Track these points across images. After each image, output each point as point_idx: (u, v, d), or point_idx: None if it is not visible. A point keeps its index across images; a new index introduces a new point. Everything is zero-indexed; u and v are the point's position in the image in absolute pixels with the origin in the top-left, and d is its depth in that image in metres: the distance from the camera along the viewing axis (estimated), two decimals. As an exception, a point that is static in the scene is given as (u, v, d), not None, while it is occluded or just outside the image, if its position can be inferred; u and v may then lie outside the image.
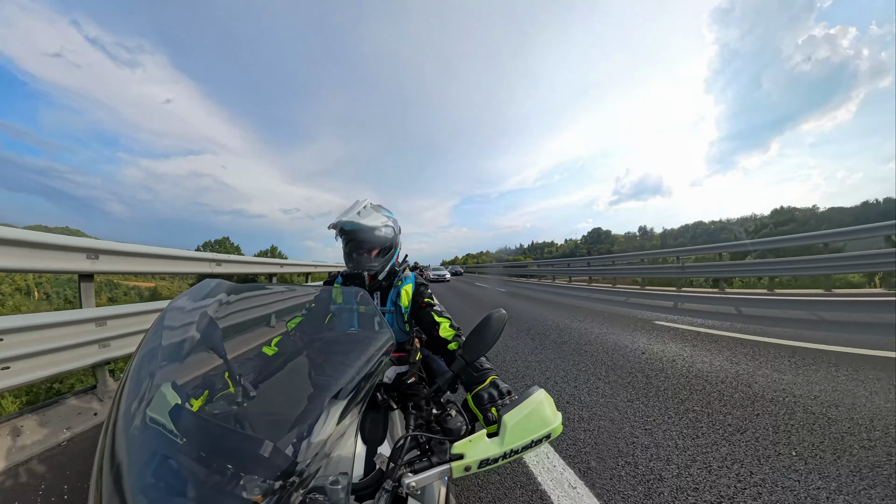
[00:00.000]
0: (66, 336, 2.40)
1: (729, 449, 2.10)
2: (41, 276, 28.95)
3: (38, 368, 2.24)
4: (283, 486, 0.52)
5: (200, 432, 0.60)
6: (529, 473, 2.00)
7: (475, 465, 0.66)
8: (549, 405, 0.72)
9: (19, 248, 2.24)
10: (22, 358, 2.13)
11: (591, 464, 2.06)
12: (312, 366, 1.04)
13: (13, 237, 2.19)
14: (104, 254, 2.79)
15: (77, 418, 2.51)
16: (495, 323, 0.88)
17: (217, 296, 0.87)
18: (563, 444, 2.28)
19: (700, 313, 6.52)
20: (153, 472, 0.53)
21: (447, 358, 1.25)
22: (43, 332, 2.26)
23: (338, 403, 0.62)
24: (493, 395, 0.89)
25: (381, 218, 1.40)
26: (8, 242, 2.17)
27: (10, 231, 2.19)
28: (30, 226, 21.70)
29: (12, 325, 2.09)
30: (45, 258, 2.39)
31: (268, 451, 0.55)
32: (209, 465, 0.54)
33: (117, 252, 2.91)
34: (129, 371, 0.66)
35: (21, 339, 2.14)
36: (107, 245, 2.81)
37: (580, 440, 2.32)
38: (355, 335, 1.05)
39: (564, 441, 2.32)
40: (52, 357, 2.32)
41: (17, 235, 2.21)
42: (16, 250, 2.22)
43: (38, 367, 2.24)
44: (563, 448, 2.24)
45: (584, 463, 2.07)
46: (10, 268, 2.23)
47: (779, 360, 3.57)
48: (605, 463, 2.05)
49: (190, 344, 0.75)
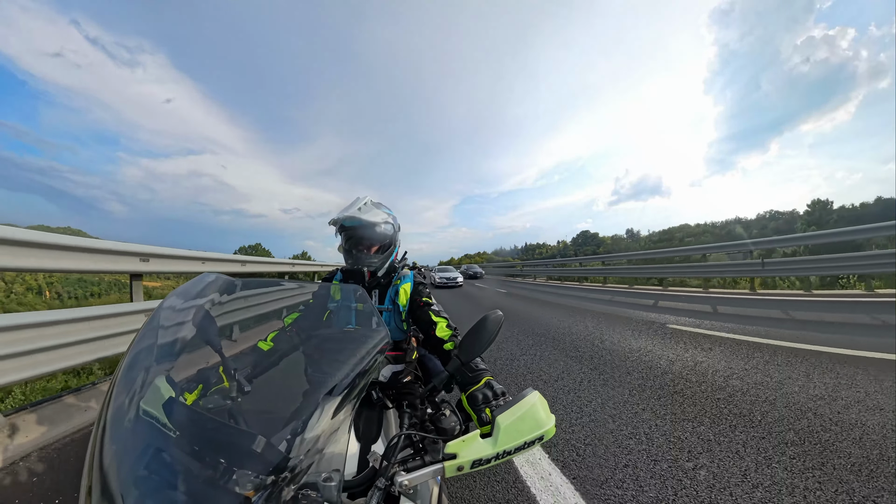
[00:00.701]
0: (121, 324, 2.89)
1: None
2: (51, 276, 29.48)
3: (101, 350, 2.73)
4: (276, 481, 0.52)
5: (194, 426, 0.60)
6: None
7: (468, 465, 0.66)
8: (543, 407, 0.72)
9: (89, 254, 2.77)
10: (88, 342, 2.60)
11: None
12: (308, 362, 1.04)
13: (82, 245, 2.71)
14: (154, 257, 3.37)
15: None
16: (491, 324, 0.88)
17: (214, 290, 0.87)
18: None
19: (675, 311, 6.94)
20: (146, 465, 0.53)
21: (443, 358, 1.25)
22: (105, 321, 2.77)
23: (332, 400, 0.62)
24: (488, 395, 0.89)
25: (381, 215, 1.40)
26: (77, 249, 2.67)
27: (80, 240, 2.73)
28: (32, 226, 22.19)
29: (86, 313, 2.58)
30: (107, 261, 2.95)
31: (260, 446, 0.55)
32: (202, 458, 0.54)
33: (164, 255, 3.55)
34: (124, 364, 0.66)
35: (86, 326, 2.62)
36: (156, 249, 3.41)
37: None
38: (352, 332, 1.05)
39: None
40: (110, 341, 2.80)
41: (86, 244, 2.76)
42: (85, 255, 2.75)
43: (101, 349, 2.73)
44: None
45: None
46: (78, 269, 2.76)
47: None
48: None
49: (185, 337, 0.75)
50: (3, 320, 2.07)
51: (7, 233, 2.18)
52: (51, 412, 2.45)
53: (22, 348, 2.14)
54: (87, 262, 2.79)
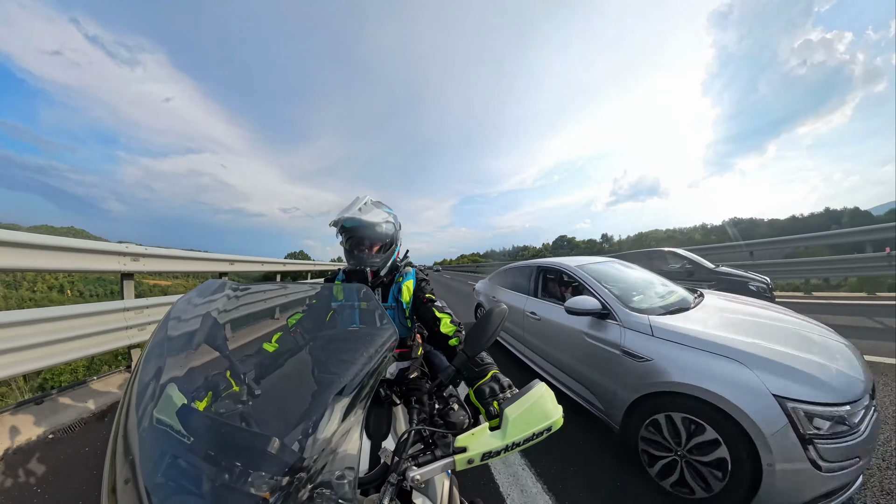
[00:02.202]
0: (110, 321, 2.98)
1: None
2: (72, 276, 29.94)
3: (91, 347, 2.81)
4: (291, 481, 0.53)
5: (208, 431, 0.61)
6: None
7: (478, 458, 0.68)
8: (550, 399, 0.73)
9: (79, 254, 2.78)
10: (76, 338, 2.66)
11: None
12: (315, 363, 1.05)
13: (72, 245, 2.70)
14: (144, 257, 3.41)
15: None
16: (495, 318, 0.89)
17: (220, 296, 0.87)
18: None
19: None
20: (163, 472, 0.54)
21: (448, 353, 1.26)
22: (94, 318, 2.85)
23: (342, 400, 0.63)
24: (495, 388, 0.90)
25: (382, 214, 1.40)
26: (68, 249, 2.66)
27: (72, 241, 2.71)
28: (35, 226, 22.31)
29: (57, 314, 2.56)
30: (97, 261, 2.97)
31: (275, 447, 0.56)
32: (217, 463, 0.55)
33: (154, 255, 3.56)
34: (137, 373, 0.66)
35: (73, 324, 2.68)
36: (145, 250, 3.44)
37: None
38: (358, 332, 1.06)
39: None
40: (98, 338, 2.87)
41: (76, 244, 2.75)
42: (75, 255, 2.75)
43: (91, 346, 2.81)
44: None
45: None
46: (68, 268, 2.74)
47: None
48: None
49: (194, 345, 0.76)
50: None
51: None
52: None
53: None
54: (76, 262, 2.78)
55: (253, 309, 0.97)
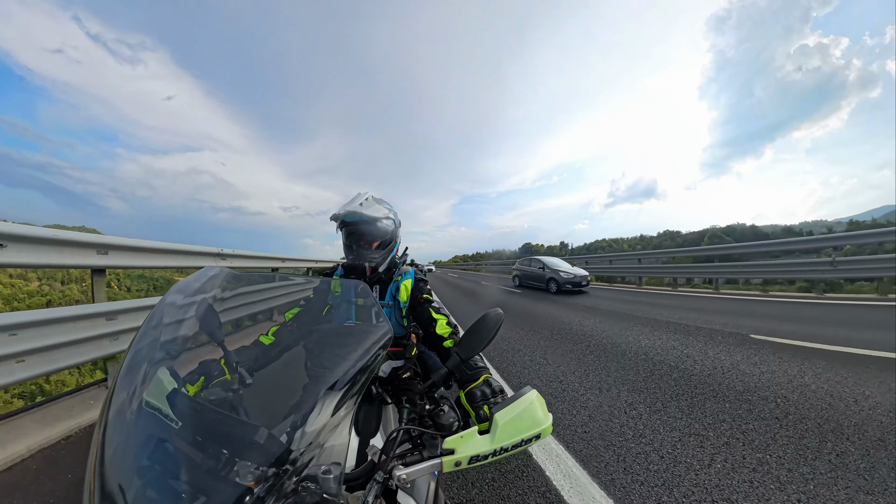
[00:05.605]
0: (79, 329, 2.47)
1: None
2: (118, 271, 29.28)
3: (54, 361, 2.33)
4: (277, 473, 0.53)
5: (196, 417, 0.61)
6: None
7: (465, 461, 0.67)
8: (541, 406, 0.73)
9: (38, 245, 2.33)
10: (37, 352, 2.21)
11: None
12: (309, 356, 1.04)
13: (31, 234, 2.27)
14: (113, 249, 2.86)
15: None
16: (491, 322, 0.89)
17: (217, 283, 0.87)
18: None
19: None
20: (148, 456, 0.53)
21: (442, 355, 1.26)
22: (60, 325, 2.36)
23: (333, 395, 0.63)
24: (486, 393, 0.90)
25: (383, 210, 1.40)
26: (26, 240, 2.25)
27: (27, 228, 2.26)
28: (47, 225, 21.33)
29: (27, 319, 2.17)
30: (61, 255, 2.48)
31: (262, 437, 0.56)
32: (204, 449, 0.55)
33: (126, 247, 3.00)
34: (128, 355, 0.66)
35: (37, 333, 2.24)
36: (115, 241, 2.87)
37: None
38: (353, 328, 1.06)
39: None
40: (66, 350, 2.40)
41: (34, 233, 2.29)
42: (34, 247, 2.31)
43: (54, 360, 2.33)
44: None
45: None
46: (28, 263, 2.30)
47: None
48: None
49: (188, 330, 0.76)
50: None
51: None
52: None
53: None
54: (51, 257, 2.39)
55: (250, 296, 0.96)
